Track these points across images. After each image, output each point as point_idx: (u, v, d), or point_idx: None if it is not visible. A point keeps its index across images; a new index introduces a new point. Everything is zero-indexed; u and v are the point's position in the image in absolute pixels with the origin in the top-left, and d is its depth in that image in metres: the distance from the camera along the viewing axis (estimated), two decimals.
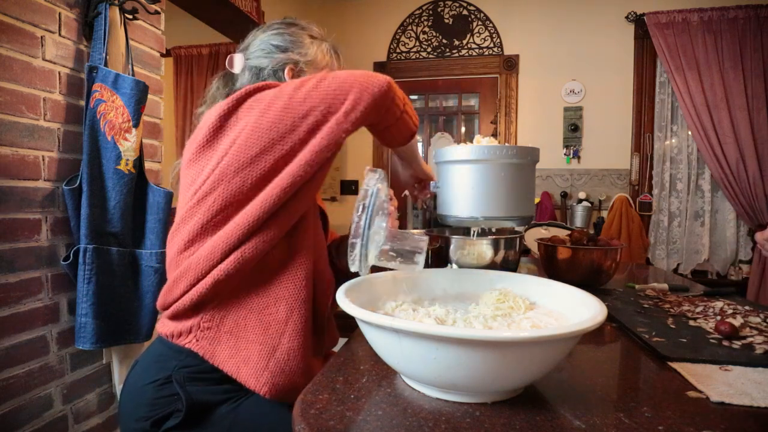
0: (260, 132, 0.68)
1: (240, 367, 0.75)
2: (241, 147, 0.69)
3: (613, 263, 1.14)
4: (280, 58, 0.91)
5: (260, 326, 0.76)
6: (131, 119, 1.33)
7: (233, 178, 0.70)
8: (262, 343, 0.76)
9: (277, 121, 0.68)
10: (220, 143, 0.72)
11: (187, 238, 0.75)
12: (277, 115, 0.68)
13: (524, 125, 3.35)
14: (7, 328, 1.17)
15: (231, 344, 0.76)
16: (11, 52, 1.16)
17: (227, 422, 0.76)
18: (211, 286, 0.73)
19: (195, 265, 0.73)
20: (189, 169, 0.76)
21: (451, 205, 1.04)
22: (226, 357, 0.76)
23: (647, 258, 3.15)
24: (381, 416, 0.52)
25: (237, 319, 0.76)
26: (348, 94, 0.69)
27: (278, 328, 0.76)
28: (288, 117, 0.68)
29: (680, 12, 2.95)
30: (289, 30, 0.94)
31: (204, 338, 0.76)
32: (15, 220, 1.18)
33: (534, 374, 0.54)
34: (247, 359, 0.75)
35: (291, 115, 0.68)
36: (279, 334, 0.76)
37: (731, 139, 2.87)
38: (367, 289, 0.72)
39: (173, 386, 0.76)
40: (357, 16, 3.57)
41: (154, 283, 1.41)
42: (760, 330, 0.81)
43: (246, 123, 0.70)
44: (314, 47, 0.94)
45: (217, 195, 0.71)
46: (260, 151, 0.69)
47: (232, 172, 0.69)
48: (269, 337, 0.76)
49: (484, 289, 0.77)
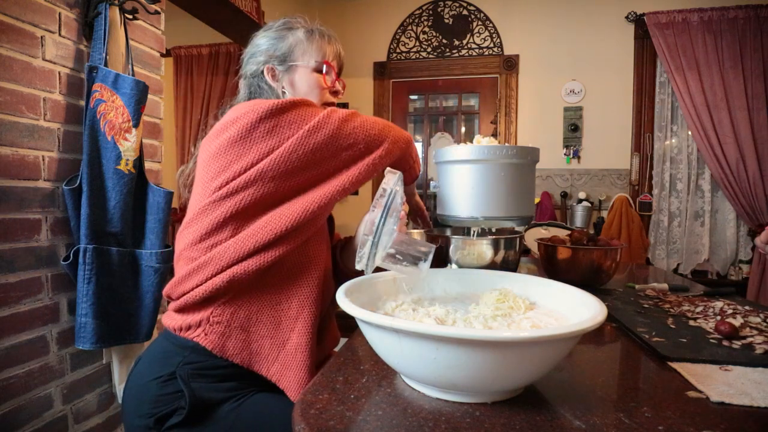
0: (305, 149, 0.75)
1: (251, 358, 0.79)
2: (283, 157, 0.74)
3: (613, 263, 1.14)
4: (258, 61, 0.94)
5: (272, 322, 0.79)
6: (131, 119, 1.33)
7: (269, 182, 0.74)
8: (273, 338, 0.79)
9: (323, 146, 0.76)
10: (254, 144, 0.75)
11: (205, 230, 0.76)
12: (323, 140, 0.76)
13: (524, 125, 3.35)
14: (7, 328, 1.17)
15: (242, 338, 0.78)
16: (11, 52, 1.16)
17: (230, 420, 0.77)
18: (227, 281, 0.75)
19: (216, 259, 0.75)
20: (215, 161, 0.77)
21: (451, 205, 1.05)
22: (237, 350, 0.78)
23: (647, 258, 3.15)
24: (381, 416, 0.52)
25: (249, 314, 0.78)
26: (384, 141, 0.83)
27: (289, 324, 0.79)
28: (333, 145, 0.77)
29: (680, 12, 2.95)
30: (269, 32, 0.96)
31: (213, 332, 0.77)
32: (15, 220, 1.18)
33: (534, 374, 0.54)
34: (258, 351, 0.79)
35: (336, 144, 0.77)
36: (289, 329, 0.79)
37: (731, 139, 2.87)
38: (367, 289, 0.72)
39: (177, 383, 0.76)
40: (357, 16, 3.57)
41: (154, 283, 1.41)
42: (760, 330, 0.81)
43: (288, 135, 0.75)
44: (288, 39, 0.94)
45: (248, 194, 0.74)
46: (301, 166, 0.75)
47: (269, 178, 0.74)
48: (280, 332, 0.79)
49: (484, 289, 0.77)
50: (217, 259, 0.75)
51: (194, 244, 0.78)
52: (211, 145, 0.79)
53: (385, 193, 0.71)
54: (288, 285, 0.80)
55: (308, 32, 0.95)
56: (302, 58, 0.94)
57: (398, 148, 0.86)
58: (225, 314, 0.78)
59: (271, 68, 0.94)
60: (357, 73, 3.55)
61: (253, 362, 0.79)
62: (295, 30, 0.95)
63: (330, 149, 0.77)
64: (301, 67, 0.94)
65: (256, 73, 0.95)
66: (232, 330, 0.78)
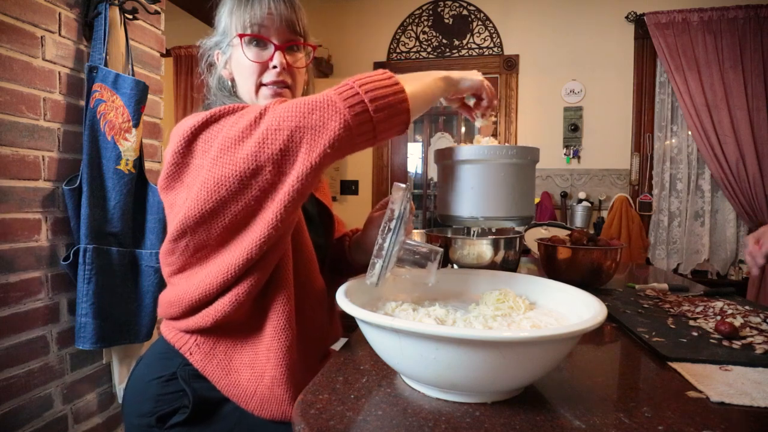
0: (210, 186, 0.61)
1: (230, 389, 0.75)
2: (197, 199, 0.62)
3: (613, 263, 1.14)
4: (208, 48, 0.84)
5: (252, 352, 0.75)
6: (131, 119, 1.33)
7: (197, 228, 0.64)
8: (253, 368, 0.75)
9: (226, 178, 0.60)
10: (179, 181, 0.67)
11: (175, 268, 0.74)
12: (224, 172, 0.60)
13: (524, 125, 3.35)
14: (7, 328, 1.17)
15: (224, 364, 0.75)
16: (11, 52, 1.16)
17: (233, 420, 0.77)
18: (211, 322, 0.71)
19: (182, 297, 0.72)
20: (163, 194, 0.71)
21: (451, 205, 1.05)
22: (219, 376, 0.75)
23: (647, 258, 3.15)
24: (381, 416, 0.52)
25: (232, 342, 0.76)
26: (298, 151, 0.58)
27: (266, 355, 0.74)
28: (235, 176, 0.59)
29: (680, 12, 2.95)
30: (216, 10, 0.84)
31: (198, 353, 0.76)
32: (15, 220, 1.18)
33: (534, 374, 0.54)
34: (237, 383, 0.74)
35: (238, 174, 0.59)
36: (265, 360, 0.74)
37: (731, 139, 2.87)
38: (367, 289, 0.72)
39: (178, 383, 0.76)
40: (357, 16, 3.57)
41: (154, 283, 1.41)
42: (760, 330, 0.81)
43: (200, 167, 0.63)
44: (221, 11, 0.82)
45: (188, 241, 0.66)
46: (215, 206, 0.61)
47: (194, 224, 0.63)
48: (259, 363, 0.74)
49: (484, 289, 0.77)
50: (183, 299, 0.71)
51: (172, 275, 0.75)
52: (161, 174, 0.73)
53: (393, 215, 0.65)
54: (258, 316, 0.74)
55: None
56: (230, 32, 0.79)
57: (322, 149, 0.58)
58: (209, 341, 0.76)
59: (217, 54, 0.83)
60: (357, 73, 3.54)
61: (231, 394, 0.75)
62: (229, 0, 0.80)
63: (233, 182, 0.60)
64: (234, 46, 0.79)
65: (210, 64, 0.84)
66: (216, 354, 0.75)
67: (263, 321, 0.74)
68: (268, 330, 0.73)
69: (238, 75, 0.81)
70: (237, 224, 0.63)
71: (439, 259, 0.70)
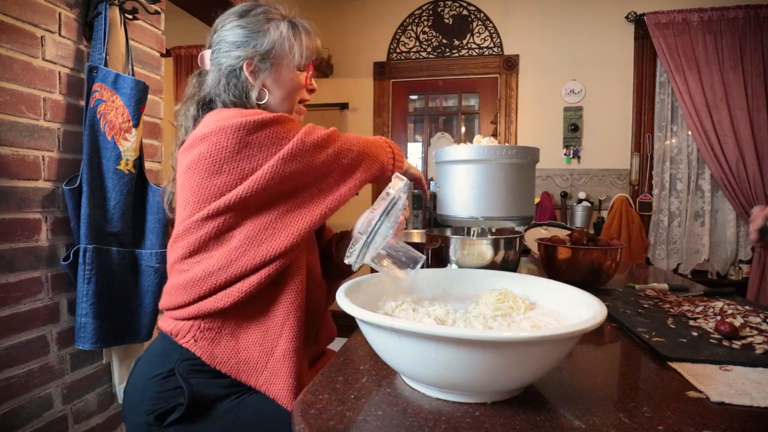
0: (281, 178, 0.75)
1: (240, 366, 0.78)
2: (260, 184, 0.74)
3: (613, 263, 1.14)
4: (237, 55, 0.87)
5: (260, 330, 0.79)
6: (131, 119, 1.33)
7: (249, 207, 0.75)
8: (262, 345, 0.78)
9: (299, 174, 0.77)
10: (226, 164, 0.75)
11: (192, 248, 0.77)
12: (299, 169, 0.76)
13: (524, 125, 3.35)
14: (7, 328, 1.17)
15: (231, 345, 0.78)
16: (11, 52, 1.16)
17: (229, 417, 0.77)
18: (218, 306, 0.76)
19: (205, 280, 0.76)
20: (190, 177, 0.77)
21: (451, 205, 1.05)
22: (225, 358, 0.78)
23: (647, 258, 3.15)
24: (381, 416, 0.52)
25: (237, 322, 0.79)
26: (358, 168, 0.84)
27: (276, 331, 0.78)
28: (310, 174, 0.78)
29: (680, 12, 2.95)
30: (245, 20, 0.88)
31: (203, 338, 0.77)
32: (15, 220, 1.18)
33: (534, 374, 0.54)
34: (246, 360, 0.78)
35: (312, 173, 0.78)
36: (277, 336, 0.78)
37: (731, 139, 2.87)
38: (367, 289, 0.72)
39: (176, 379, 0.77)
40: (357, 16, 3.57)
41: (154, 283, 1.41)
42: (760, 330, 0.81)
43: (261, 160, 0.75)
44: (270, 33, 0.87)
45: (229, 217, 0.75)
46: (280, 194, 0.77)
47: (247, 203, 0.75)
48: (268, 339, 0.78)
49: (484, 289, 0.77)
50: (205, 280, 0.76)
51: (183, 259, 0.79)
52: (185, 158, 0.78)
53: (387, 197, 0.71)
54: (273, 294, 0.80)
55: (292, 26, 0.89)
56: (287, 56, 0.88)
57: (371, 173, 0.86)
58: (215, 323, 0.78)
59: (250, 64, 0.87)
60: (357, 73, 3.55)
61: (240, 372, 0.78)
62: (276, 22, 0.88)
63: (307, 178, 0.78)
64: (285, 66, 0.89)
65: (233, 68, 0.87)
66: (222, 336, 0.78)
67: (277, 298, 0.79)
68: (281, 306, 0.78)
69: (282, 90, 0.91)
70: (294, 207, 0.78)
71: (419, 267, 0.74)
